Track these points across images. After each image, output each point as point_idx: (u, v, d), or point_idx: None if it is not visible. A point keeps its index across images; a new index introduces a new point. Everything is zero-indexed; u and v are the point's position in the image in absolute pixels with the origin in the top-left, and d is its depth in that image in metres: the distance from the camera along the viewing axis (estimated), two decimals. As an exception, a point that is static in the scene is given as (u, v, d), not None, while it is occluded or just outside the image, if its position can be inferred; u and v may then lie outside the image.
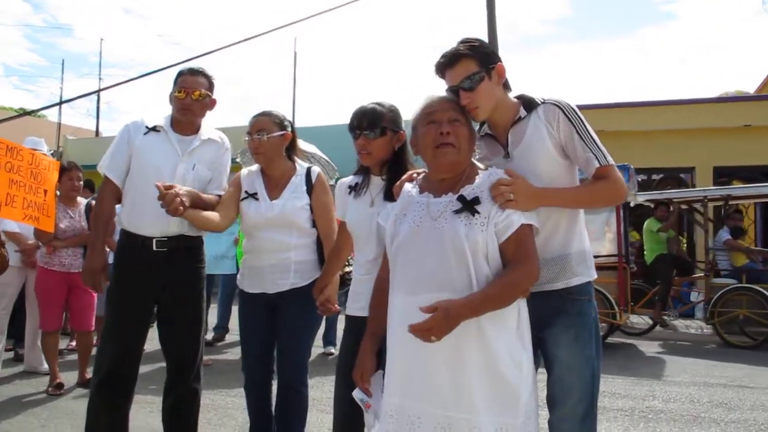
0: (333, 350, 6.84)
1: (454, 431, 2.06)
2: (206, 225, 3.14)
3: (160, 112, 3.44)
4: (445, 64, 2.36)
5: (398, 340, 2.20)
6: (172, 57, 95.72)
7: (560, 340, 2.35)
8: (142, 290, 3.28)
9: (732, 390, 5.74)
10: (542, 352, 2.41)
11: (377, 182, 2.74)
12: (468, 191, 2.18)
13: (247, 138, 3.30)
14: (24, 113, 21.64)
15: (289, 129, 3.34)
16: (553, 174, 2.34)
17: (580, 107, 2.40)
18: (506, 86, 2.42)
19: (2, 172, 4.73)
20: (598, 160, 2.28)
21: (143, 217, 3.24)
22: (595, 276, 2.47)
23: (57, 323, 5.43)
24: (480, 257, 2.10)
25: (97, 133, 25.30)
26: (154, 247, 3.25)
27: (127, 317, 3.29)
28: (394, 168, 2.69)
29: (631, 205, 9.46)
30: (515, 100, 2.43)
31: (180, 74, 3.36)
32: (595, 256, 9.13)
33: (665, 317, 9.03)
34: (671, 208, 9.66)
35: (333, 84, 76.90)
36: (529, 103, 2.39)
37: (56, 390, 5.19)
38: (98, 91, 19.21)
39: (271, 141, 3.24)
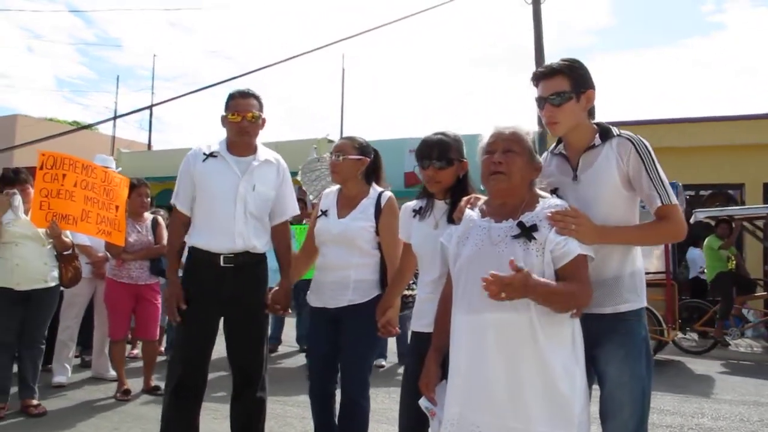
0: (384, 363, 7.02)
1: None
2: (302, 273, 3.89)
3: (203, 124, 3.68)
4: (541, 76, 2.55)
5: (460, 354, 2.36)
6: (217, 70, 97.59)
7: (611, 358, 2.47)
8: (209, 303, 3.48)
9: (783, 410, 5.72)
10: (595, 369, 2.51)
11: (441, 206, 2.91)
12: (527, 218, 2.32)
13: (328, 157, 3.56)
14: (81, 127, 22.47)
15: (370, 156, 3.53)
16: (615, 203, 2.48)
17: (628, 123, 2.53)
18: (591, 113, 2.57)
19: (78, 189, 5.05)
20: (661, 199, 2.41)
21: (211, 236, 3.47)
22: (643, 304, 2.55)
23: (125, 332, 5.71)
24: None
25: (149, 146, 26.14)
26: (222, 263, 3.45)
27: (196, 329, 3.50)
28: (456, 192, 2.85)
29: (691, 222, 9.43)
30: (594, 126, 2.56)
31: (231, 97, 3.52)
32: (645, 273, 9.06)
33: (726, 336, 8.97)
34: (733, 225, 9.58)
35: (380, 98, 77.58)
36: (605, 133, 2.52)
37: (124, 396, 5.46)
38: (151, 107, 19.92)
39: (347, 163, 3.45)
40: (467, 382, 2.33)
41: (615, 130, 2.53)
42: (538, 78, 2.57)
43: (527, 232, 2.29)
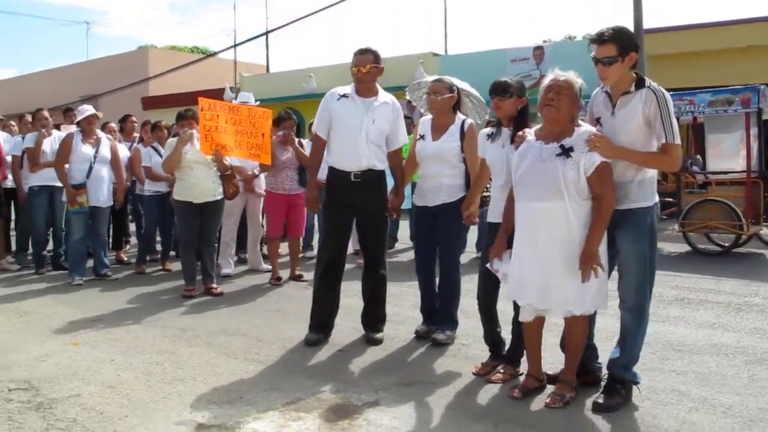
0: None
1: (550, 286, 3.39)
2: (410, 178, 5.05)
3: (314, 41, 4.74)
4: (594, 41, 3.44)
5: (520, 230, 3.53)
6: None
7: (623, 237, 3.50)
8: (345, 208, 4.74)
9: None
10: (615, 245, 3.53)
11: (506, 132, 3.99)
12: (567, 142, 3.39)
13: (426, 96, 4.67)
14: (204, 57, 24.37)
15: (455, 92, 4.61)
16: (637, 136, 3.40)
17: (715, 23, 3.27)
18: (634, 66, 3.43)
19: (229, 125, 6.39)
20: (666, 138, 3.32)
21: (343, 158, 4.68)
22: (651, 203, 3.46)
23: (280, 232, 7.20)
24: (570, 185, 3.33)
25: (267, 69, 27.83)
26: (352, 179, 4.66)
27: (337, 226, 4.79)
28: (518, 122, 3.93)
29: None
30: (633, 75, 3.43)
31: (354, 54, 4.67)
32: (729, 172, 9.78)
33: None
34: None
35: (480, 11, 75.81)
36: (639, 83, 3.41)
37: (277, 281, 7.03)
38: (266, 33, 21.31)
39: (442, 100, 4.57)
40: (524, 248, 3.51)
41: (647, 82, 3.40)
42: (594, 42, 3.45)
43: (566, 152, 3.37)
